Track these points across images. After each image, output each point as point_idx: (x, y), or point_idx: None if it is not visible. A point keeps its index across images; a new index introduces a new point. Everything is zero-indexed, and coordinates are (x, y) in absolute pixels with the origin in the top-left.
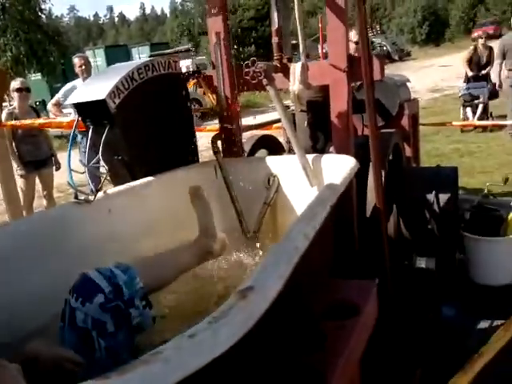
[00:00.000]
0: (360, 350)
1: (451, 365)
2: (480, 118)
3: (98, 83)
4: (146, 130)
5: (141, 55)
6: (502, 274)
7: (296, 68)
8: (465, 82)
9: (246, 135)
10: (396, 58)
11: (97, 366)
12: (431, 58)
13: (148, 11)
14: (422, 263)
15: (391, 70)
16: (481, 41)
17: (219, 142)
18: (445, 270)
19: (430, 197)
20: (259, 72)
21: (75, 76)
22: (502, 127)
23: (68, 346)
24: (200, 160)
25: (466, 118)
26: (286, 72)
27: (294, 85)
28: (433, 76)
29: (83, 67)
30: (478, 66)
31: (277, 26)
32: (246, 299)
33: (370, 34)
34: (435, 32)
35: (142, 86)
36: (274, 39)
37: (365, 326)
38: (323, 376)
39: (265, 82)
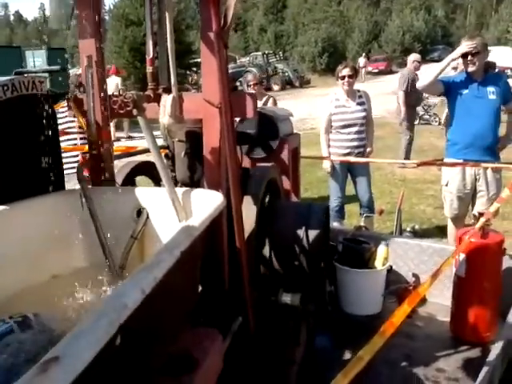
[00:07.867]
0: None
1: None
2: None
3: None
4: (0, 153)
5: (36, 59)
6: (368, 304)
7: (167, 100)
8: None
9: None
10: (297, 84)
11: None
12: (329, 87)
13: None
14: (287, 299)
15: (293, 95)
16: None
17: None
18: (315, 302)
19: (300, 232)
20: (128, 102)
21: None
22: None
23: None
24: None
25: None
26: (160, 102)
27: (164, 117)
28: None
29: None
30: None
31: (151, 56)
32: (46, 373)
33: (274, 60)
34: (334, 62)
35: None
36: (148, 68)
37: (203, 380)
38: None
39: (135, 112)
